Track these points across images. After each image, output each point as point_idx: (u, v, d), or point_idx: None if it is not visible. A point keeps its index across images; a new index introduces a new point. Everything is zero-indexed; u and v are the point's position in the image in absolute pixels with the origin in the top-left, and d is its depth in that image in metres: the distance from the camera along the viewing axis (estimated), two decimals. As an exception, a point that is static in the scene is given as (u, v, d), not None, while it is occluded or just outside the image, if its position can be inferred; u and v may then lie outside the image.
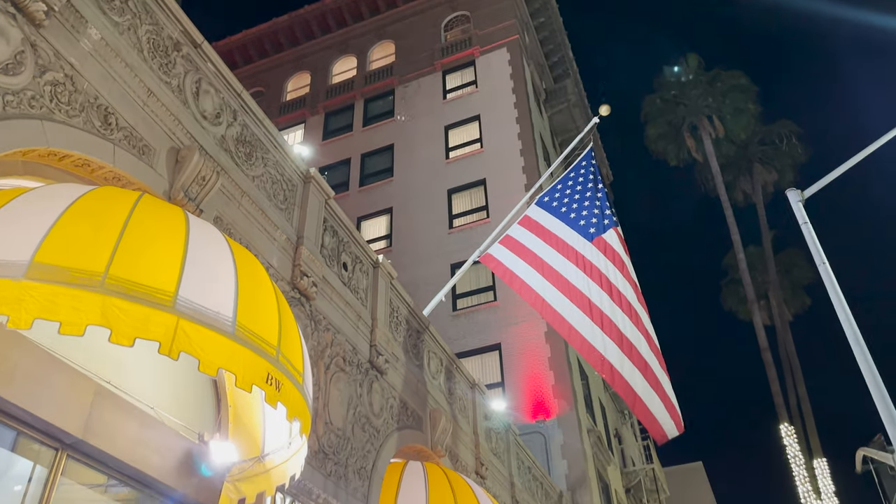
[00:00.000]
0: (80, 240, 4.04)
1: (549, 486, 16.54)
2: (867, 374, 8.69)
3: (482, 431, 12.98)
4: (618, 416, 28.35)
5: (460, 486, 9.52)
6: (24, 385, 4.56)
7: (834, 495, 18.58)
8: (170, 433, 5.70)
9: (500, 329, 22.24)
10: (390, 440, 9.13)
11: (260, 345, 4.72)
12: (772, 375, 23.19)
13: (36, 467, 5.03)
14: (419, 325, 11.15)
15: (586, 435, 21.02)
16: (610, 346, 10.52)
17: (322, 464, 7.34)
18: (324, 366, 7.92)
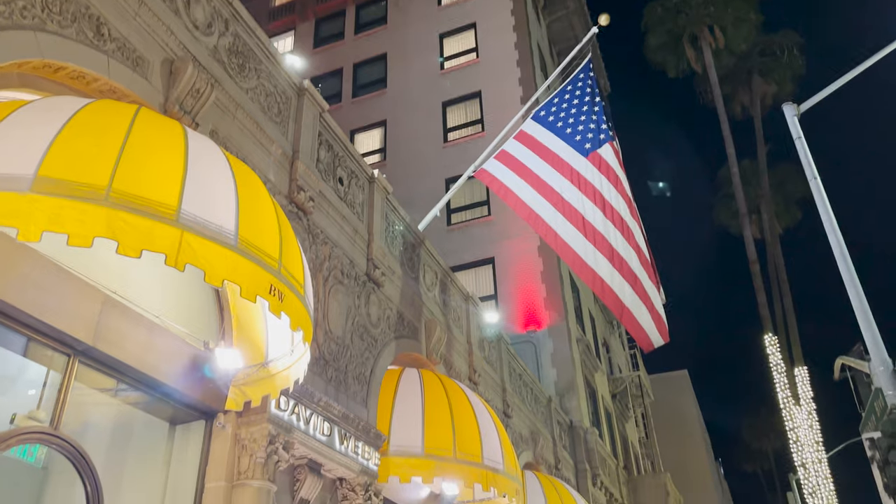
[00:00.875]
0: (82, 153, 4.09)
1: (539, 391, 17.23)
2: (850, 286, 8.97)
3: (475, 341, 13.41)
4: (606, 327, 29.12)
5: (454, 390, 9.95)
6: (35, 294, 4.72)
7: (812, 401, 19.50)
8: (176, 340, 5.92)
9: (493, 243, 22.51)
10: (387, 349, 9.46)
11: (262, 257, 4.86)
12: (759, 287, 23.77)
13: (50, 373, 5.26)
14: (414, 240, 11.32)
15: (575, 344, 21.68)
16: (601, 260, 10.75)
17: (323, 370, 7.66)
18: (322, 278, 8.11)
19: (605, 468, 20.13)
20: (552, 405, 17.85)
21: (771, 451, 52.45)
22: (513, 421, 14.08)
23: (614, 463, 22.05)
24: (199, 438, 6.28)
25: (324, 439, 7.20)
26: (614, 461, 22.22)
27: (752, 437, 54.69)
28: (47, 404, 5.12)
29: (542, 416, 16.94)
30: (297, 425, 6.76)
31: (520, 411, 15.00)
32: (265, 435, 6.26)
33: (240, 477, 6.12)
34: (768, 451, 53.06)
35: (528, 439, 15.07)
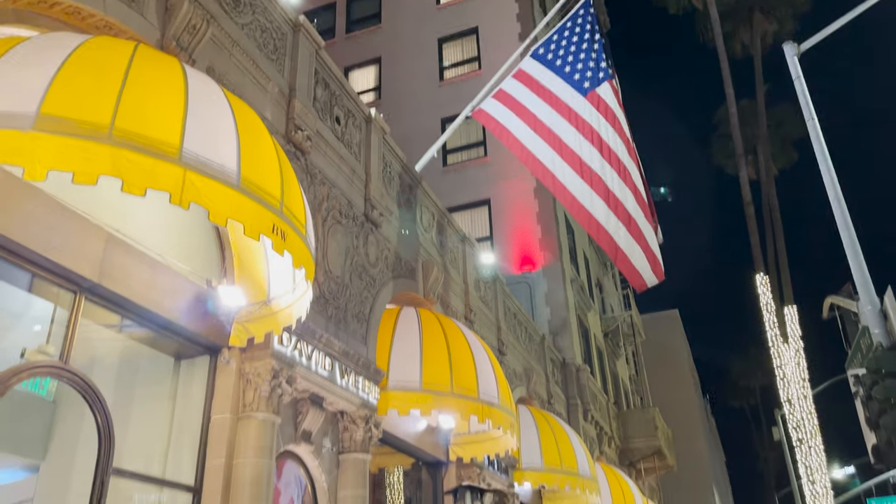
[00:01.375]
0: (82, 92, 4.07)
1: (533, 330, 17.55)
2: (842, 226, 9.09)
3: (471, 281, 13.58)
4: (600, 267, 29.40)
5: (451, 328, 10.16)
6: (40, 232, 4.77)
7: (800, 339, 19.95)
8: (179, 278, 6.01)
9: (489, 184, 22.49)
10: (386, 288, 9.60)
11: (264, 197, 4.90)
12: (752, 228, 23.93)
13: (57, 309, 5.37)
14: (411, 180, 11.32)
15: (569, 284, 21.95)
16: (597, 202, 10.80)
17: (323, 308, 7.80)
18: (321, 219, 8.17)
19: (595, 403, 20.69)
20: (545, 343, 18.21)
21: (758, 387, 53.75)
22: (507, 358, 14.40)
23: (605, 398, 22.64)
24: (204, 373, 6.45)
25: (325, 374, 7.40)
26: (605, 397, 22.81)
27: (739, 375, 55.99)
28: (56, 340, 5.25)
29: (536, 354, 17.31)
30: (299, 361, 6.94)
31: (514, 349, 15.32)
32: (269, 370, 6.43)
33: (245, 409, 6.32)
34: (755, 388, 54.40)
35: (521, 375, 15.44)
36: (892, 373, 7.86)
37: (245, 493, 6.03)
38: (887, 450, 8.02)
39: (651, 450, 23.25)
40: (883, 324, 8.61)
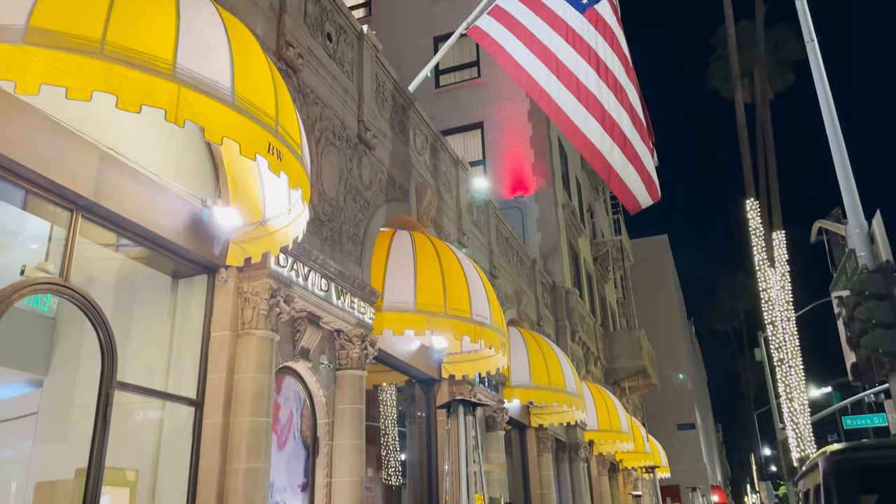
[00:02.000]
0: (71, 3, 3.96)
1: (524, 254, 17.73)
2: (834, 148, 9.12)
3: (464, 205, 13.61)
4: (592, 192, 29.44)
5: (444, 251, 10.26)
6: (34, 148, 4.73)
7: (786, 263, 20.28)
8: (175, 197, 6.01)
9: (483, 106, 22.18)
10: (379, 211, 9.62)
11: (259, 115, 4.85)
12: (745, 152, 23.90)
13: (54, 228, 5.38)
14: (405, 101, 11.16)
15: (561, 209, 22.03)
16: (592, 123, 10.72)
17: (318, 229, 7.84)
18: (314, 139, 8.10)
19: (583, 325, 21.16)
20: (536, 267, 18.44)
21: (742, 311, 54.93)
22: (499, 281, 14.61)
23: (592, 321, 23.15)
24: (202, 292, 6.54)
25: (322, 294, 7.52)
26: (592, 319, 23.31)
27: (725, 298, 57.11)
28: (54, 258, 5.28)
29: (527, 278, 17.56)
30: (296, 281, 7.04)
31: (505, 272, 15.52)
32: (266, 289, 6.52)
33: (244, 327, 6.46)
34: (739, 312, 55.60)
35: (512, 298, 15.71)
36: (876, 294, 8.05)
37: (246, 405, 6.23)
38: (866, 368, 8.32)
39: (636, 369, 23.98)
40: (869, 247, 8.76)
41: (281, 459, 7.06)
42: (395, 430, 13.92)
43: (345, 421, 7.86)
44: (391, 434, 13.88)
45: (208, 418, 6.20)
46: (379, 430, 14.03)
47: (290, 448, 7.28)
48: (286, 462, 7.15)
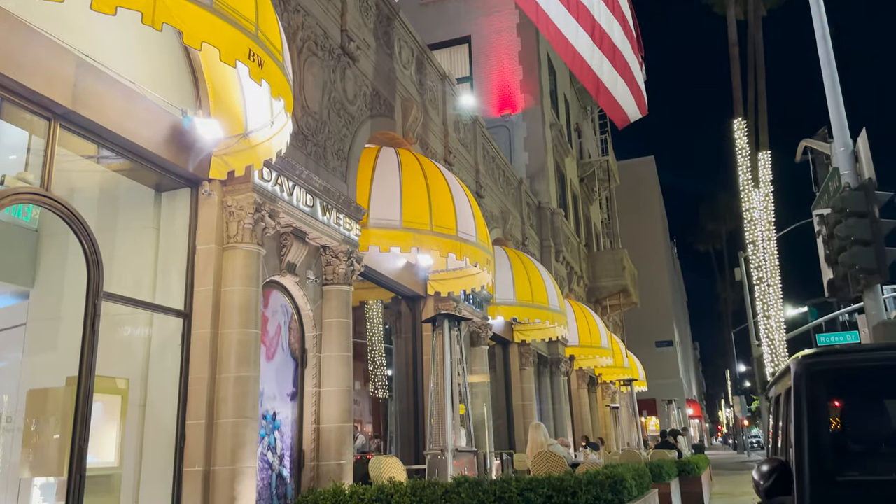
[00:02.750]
0: None
1: (511, 174, 17.66)
2: (825, 65, 9.01)
3: (451, 122, 13.42)
4: (580, 112, 29.09)
5: (430, 168, 10.19)
6: (7, 53, 4.56)
7: (770, 183, 20.39)
8: (155, 107, 5.87)
9: (470, 19, 21.53)
10: (364, 126, 9.47)
11: (239, 20, 4.69)
12: (735, 71, 23.58)
13: (32, 138, 5.26)
14: (389, 11, 10.81)
15: (549, 129, 21.81)
16: (582, 35, 10.47)
17: (302, 144, 7.73)
18: (296, 49, 7.86)
19: (567, 245, 21.35)
20: (523, 187, 18.41)
21: (724, 232, 55.59)
22: (485, 201, 14.60)
23: (577, 241, 23.34)
24: (185, 205, 6.49)
25: (307, 210, 7.49)
26: (577, 239, 23.50)
27: (707, 219, 57.64)
28: (34, 169, 5.19)
29: (513, 198, 17.56)
30: (280, 195, 6.99)
31: (492, 192, 15.50)
32: (251, 203, 6.49)
33: (229, 241, 6.45)
34: (721, 233, 56.26)
35: (498, 218, 15.75)
36: (856, 212, 8.16)
37: (234, 317, 6.30)
38: (842, 284, 8.52)
39: (617, 288, 24.40)
40: (853, 165, 8.81)
41: (270, 370, 7.21)
42: (381, 346, 14.25)
43: (332, 334, 7.99)
44: (378, 350, 14.21)
45: (197, 329, 6.27)
46: (366, 347, 14.34)
47: (279, 359, 7.43)
48: (275, 372, 7.31)
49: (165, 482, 5.93)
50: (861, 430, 3.11)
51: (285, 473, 7.27)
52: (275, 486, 7.07)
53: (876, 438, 3.10)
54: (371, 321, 13.70)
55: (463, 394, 8.31)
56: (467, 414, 8.60)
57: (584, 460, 10.14)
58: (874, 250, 7.97)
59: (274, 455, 7.11)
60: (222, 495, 5.88)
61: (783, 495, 2.82)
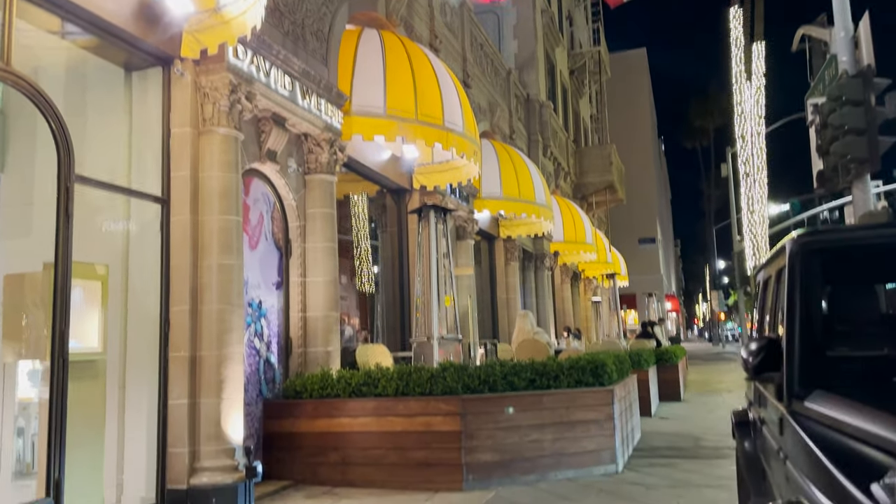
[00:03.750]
0: None
1: (499, 63, 17.08)
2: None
3: (437, 4, 12.78)
4: (572, 0, 27.92)
5: (416, 53, 9.75)
6: None
7: (763, 76, 19.95)
8: (118, -22, 5.44)
9: None
10: (344, 5, 8.95)
11: None
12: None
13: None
14: None
15: (539, 16, 20.93)
16: None
17: (279, 22, 7.30)
18: (270, -84, 7.27)
19: (555, 140, 21.02)
20: (511, 78, 17.86)
21: (712, 128, 55.02)
22: (472, 91, 14.15)
23: (565, 136, 22.98)
24: (157, 86, 6.17)
25: (286, 93, 7.17)
26: (565, 134, 23.13)
27: (696, 115, 56.78)
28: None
29: (501, 89, 17.05)
30: (257, 77, 6.65)
31: (479, 83, 15.01)
32: (226, 83, 6.17)
33: (205, 124, 6.18)
34: (709, 130, 55.69)
35: (485, 110, 15.35)
36: (852, 100, 7.96)
37: (214, 204, 6.14)
38: (832, 175, 8.44)
39: (604, 184, 24.31)
40: (852, 51, 8.52)
41: (253, 259, 7.12)
42: (367, 240, 14.18)
43: (316, 225, 7.87)
44: (363, 245, 14.16)
45: (176, 216, 6.11)
46: (352, 243, 14.29)
47: (263, 248, 7.33)
48: (259, 261, 7.23)
49: (151, 367, 5.95)
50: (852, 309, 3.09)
51: (273, 359, 7.34)
52: (263, 371, 7.15)
53: (866, 317, 3.08)
54: (356, 215, 13.57)
55: (448, 285, 8.32)
56: (453, 305, 8.67)
57: (566, 347, 10.35)
58: (867, 139, 7.84)
59: (261, 341, 7.16)
60: (209, 379, 5.93)
61: (772, 371, 2.82)
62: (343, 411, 6.85)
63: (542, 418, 6.84)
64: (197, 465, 5.83)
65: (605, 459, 7.08)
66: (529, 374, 6.97)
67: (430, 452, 6.54)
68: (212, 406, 5.91)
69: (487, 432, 6.60)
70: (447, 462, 6.48)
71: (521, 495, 6.24)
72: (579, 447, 6.97)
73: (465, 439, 6.49)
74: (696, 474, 7.02)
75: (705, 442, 9.12)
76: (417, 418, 6.62)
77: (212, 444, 5.86)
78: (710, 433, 9.86)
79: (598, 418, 7.10)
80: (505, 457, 6.64)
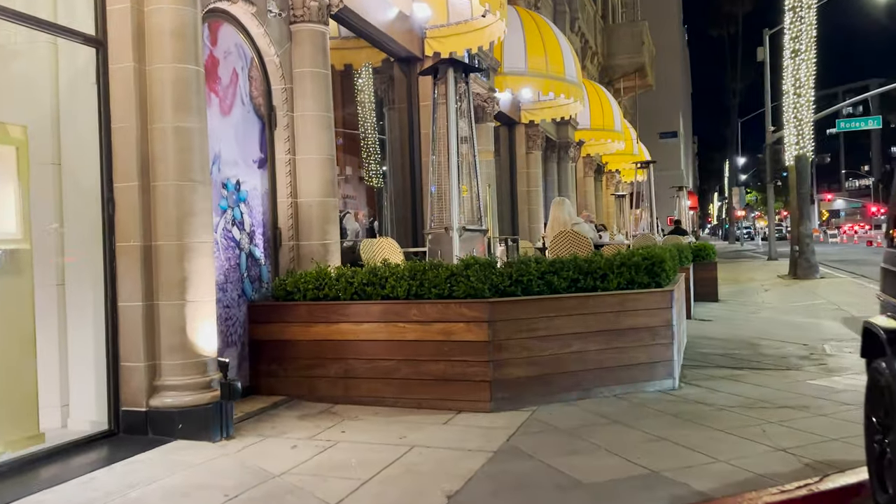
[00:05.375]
0: None
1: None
2: None
3: None
4: None
5: None
6: None
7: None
8: None
9: None
10: None
11: None
12: None
13: None
14: None
15: None
16: None
17: None
18: None
19: (583, 13, 18.84)
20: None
21: (741, 15, 51.44)
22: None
23: (593, 9, 20.68)
24: None
25: None
26: (593, 7, 20.82)
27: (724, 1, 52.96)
28: None
29: (523, -50, 14.86)
30: None
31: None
32: None
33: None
34: (738, 15, 52.07)
35: (506, -27, 13.30)
36: None
37: (166, 48, 4.63)
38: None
39: (633, 67, 22.17)
40: None
41: (227, 128, 5.67)
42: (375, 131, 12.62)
43: (306, 88, 6.34)
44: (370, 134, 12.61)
45: (116, 63, 4.63)
46: (358, 124, 12.71)
47: (239, 115, 5.85)
48: (235, 131, 5.77)
49: (95, 260, 4.66)
50: None
51: (258, 253, 6.03)
52: (245, 268, 5.86)
53: None
54: (362, 91, 11.92)
55: (471, 166, 6.87)
56: (472, 194, 7.22)
57: (609, 241, 8.98)
58: None
59: (241, 231, 5.82)
60: (169, 276, 4.64)
61: None
62: (344, 316, 5.60)
63: (586, 325, 5.57)
64: (158, 383, 4.64)
65: (660, 374, 5.87)
66: (572, 272, 5.64)
67: (449, 365, 5.32)
68: (174, 310, 4.65)
69: (520, 342, 5.35)
70: (471, 377, 5.27)
71: (563, 417, 5.07)
72: (630, 359, 5.74)
73: (492, 351, 5.25)
74: (771, 390, 5.81)
75: (765, 349, 7.92)
76: (434, 325, 5.36)
77: (176, 357, 4.65)
78: (766, 338, 8.66)
79: (653, 325, 5.83)
80: (542, 371, 5.42)
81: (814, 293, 14.38)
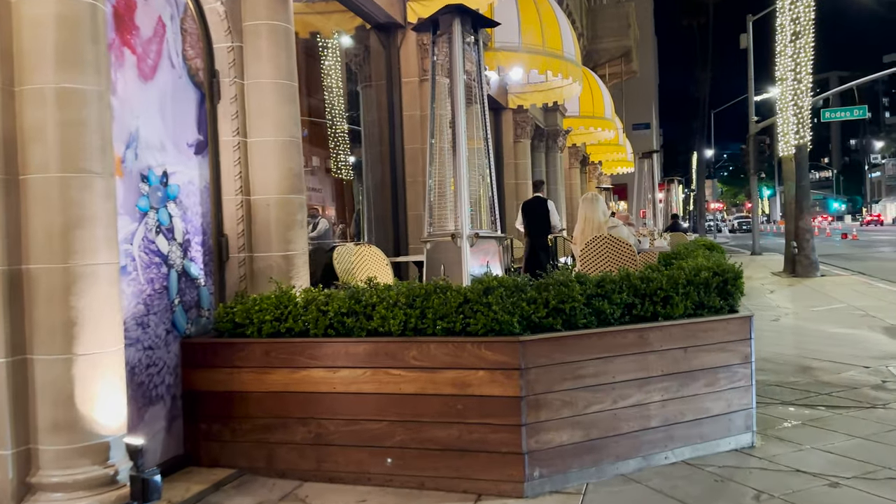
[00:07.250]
0: None
1: None
2: None
3: None
4: None
5: None
6: None
7: None
8: None
9: None
10: None
11: None
12: None
13: None
14: None
15: None
16: None
17: None
18: None
19: (570, -10, 17.41)
20: None
21: (712, 4, 50.61)
22: None
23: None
24: None
25: None
26: (579, -13, 19.42)
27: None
28: None
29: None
30: None
31: None
32: None
33: None
34: (709, 4, 51.25)
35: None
36: None
37: (37, -34, 3.00)
38: None
39: (620, 51, 20.84)
40: None
41: (149, 97, 4.04)
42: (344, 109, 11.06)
43: (261, 47, 4.74)
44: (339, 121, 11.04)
45: (-44, -11, 2.99)
46: (324, 109, 11.13)
47: (167, 81, 4.22)
48: (160, 102, 4.14)
49: (-73, 295, 3.02)
50: None
51: (195, 271, 4.42)
52: (177, 292, 4.24)
53: None
54: (329, 67, 10.32)
55: (482, 154, 5.36)
56: (485, 190, 5.69)
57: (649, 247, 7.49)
58: None
59: (170, 241, 4.20)
60: (50, 316, 3.04)
61: None
62: (315, 358, 4.04)
63: (647, 368, 4.11)
64: (35, 479, 3.05)
65: (737, 427, 4.44)
66: (626, 295, 4.17)
67: (465, 430, 3.81)
68: (58, 368, 3.05)
69: (563, 396, 3.87)
70: (496, 447, 3.77)
71: (627, 502, 3.61)
72: (701, 410, 4.31)
73: (527, 410, 3.75)
74: (872, 443, 4.45)
75: (822, 374, 6.59)
76: (443, 374, 3.84)
77: (62, 440, 3.05)
78: (812, 356, 7.37)
79: (731, 363, 4.41)
80: (590, 434, 3.95)
81: (825, 294, 13.24)
